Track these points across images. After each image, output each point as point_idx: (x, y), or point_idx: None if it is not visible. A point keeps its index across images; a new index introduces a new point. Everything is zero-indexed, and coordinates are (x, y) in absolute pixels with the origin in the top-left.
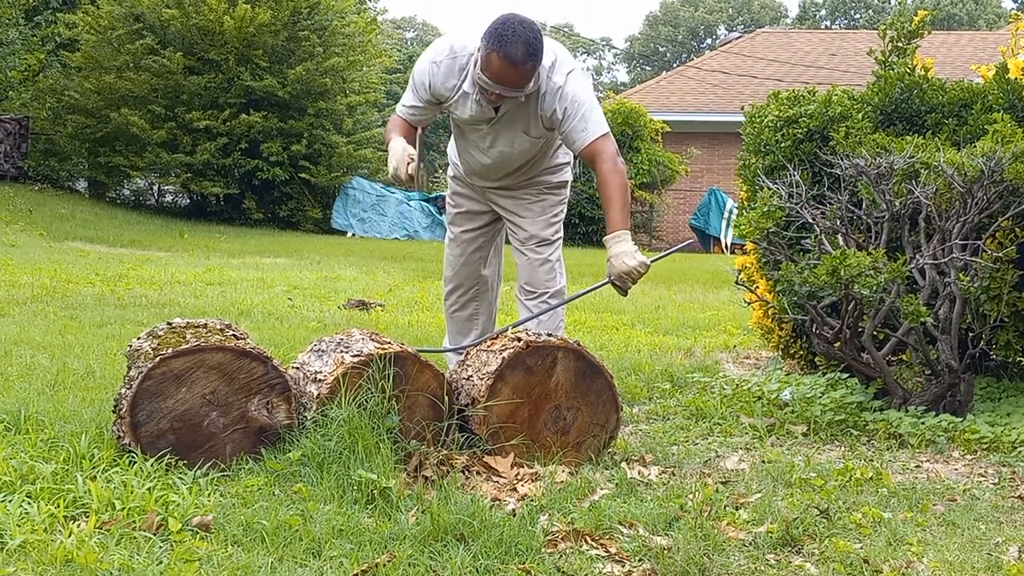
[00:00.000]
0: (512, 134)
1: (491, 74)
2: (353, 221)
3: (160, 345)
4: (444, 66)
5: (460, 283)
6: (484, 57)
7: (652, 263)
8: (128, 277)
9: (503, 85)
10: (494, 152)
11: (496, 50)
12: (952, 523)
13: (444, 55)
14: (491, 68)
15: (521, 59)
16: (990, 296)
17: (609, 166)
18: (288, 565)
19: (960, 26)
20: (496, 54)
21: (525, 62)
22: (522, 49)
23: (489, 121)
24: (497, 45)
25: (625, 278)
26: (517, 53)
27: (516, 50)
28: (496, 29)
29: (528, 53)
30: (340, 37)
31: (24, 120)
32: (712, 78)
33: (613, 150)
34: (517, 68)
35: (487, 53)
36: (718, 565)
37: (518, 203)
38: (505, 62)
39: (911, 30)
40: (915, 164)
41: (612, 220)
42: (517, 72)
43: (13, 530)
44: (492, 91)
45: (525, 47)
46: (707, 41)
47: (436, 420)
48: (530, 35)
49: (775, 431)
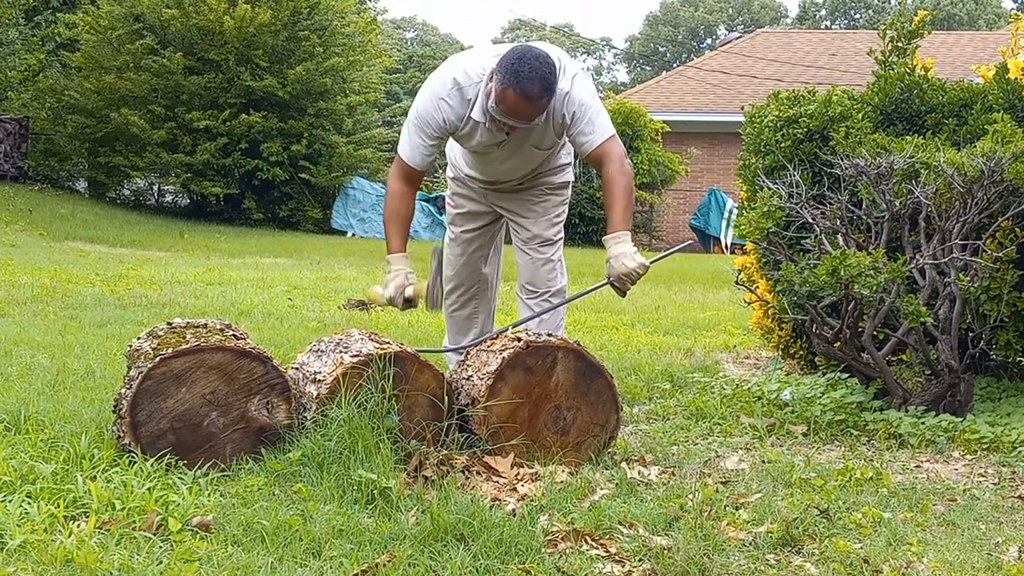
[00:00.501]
0: (523, 150)
1: (506, 108)
2: (353, 221)
3: (160, 345)
4: (454, 100)
5: (460, 282)
6: (499, 91)
7: (651, 264)
8: (128, 277)
9: (517, 118)
10: (504, 168)
11: (512, 86)
12: (952, 523)
13: (450, 88)
14: (506, 103)
15: (537, 95)
16: (990, 296)
17: (616, 168)
18: (288, 565)
19: (960, 26)
20: (512, 90)
21: (541, 97)
22: (538, 86)
23: (500, 144)
24: (513, 81)
25: (624, 279)
26: (533, 90)
27: (532, 87)
28: (512, 64)
29: (544, 89)
30: (340, 37)
31: (24, 120)
32: (712, 78)
33: (620, 152)
34: (533, 104)
35: (502, 88)
36: (718, 565)
37: (521, 203)
38: (521, 98)
39: (911, 30)
40: (915, 164)
41: (613, 221)
42: (532, 107)
43: (13, 530)
44: (505, 122)
45: (541, 83)
46: (707, 41)
47: (436, 420)
48: (546, 71)
49: (775, 431)
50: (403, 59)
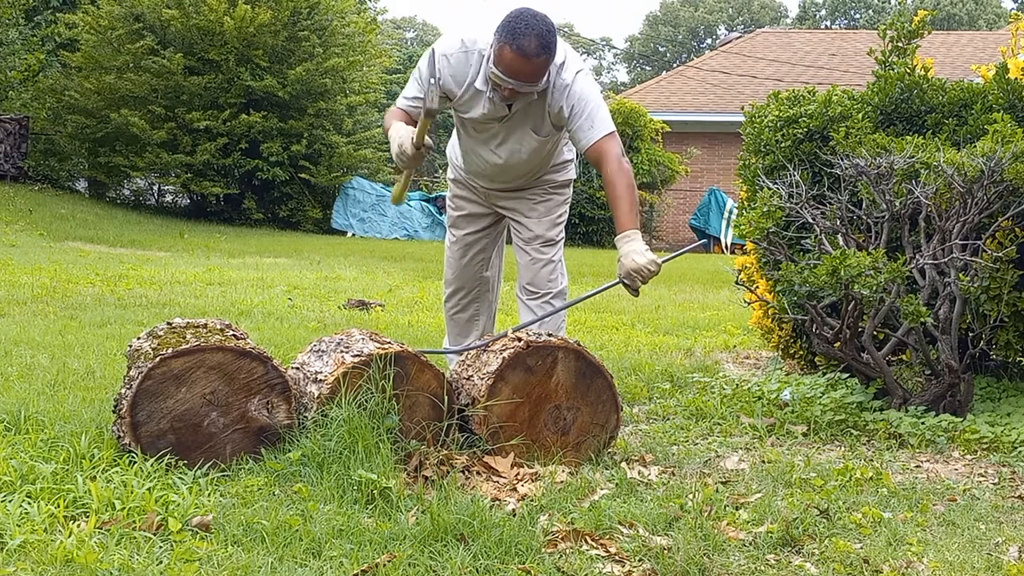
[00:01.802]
0: (522, 133)
1: (504, 68)
2: (353, 221)
3: (160, 345)
4: (455, 59)
5: (462, 285)
6: (497, 51)
7: (663, 263)
8: (128, 277)
9: (516, 79)
10: (503, 151)
11: (509, 43)
12: (952, 523)
13: (455, 48)
14: (504, 62)
15: (534, 52)
16: (990, 296)
17: (615, 167)
18: (288, 565)
19: (960, 26)
20: (509, 47)
21: (538, 55)
22: (535, 42)
23: (501, 119)
24: (510, 38)
25: (635, 276)
26: (530, 46)
27: (529, 43)
28: (509, 23)
29: (541, 46)
30: (340, 37)
31: (24, 120)
32: (712, 78)
33: (619, 151)
34: (531, 61)
35: (500, 47)
36: (718, 565)
37: (523, 203)
38: (518, 55)
39: (911, 30)
40: (915, 164)
41: (621, 221)
42: (530, 65)
43: (13, 530)
44: (505, 86)
45: (538, 40)
46: (707, 41)
47: (436, 420)
48: (543, 28)
49: (775, 431)
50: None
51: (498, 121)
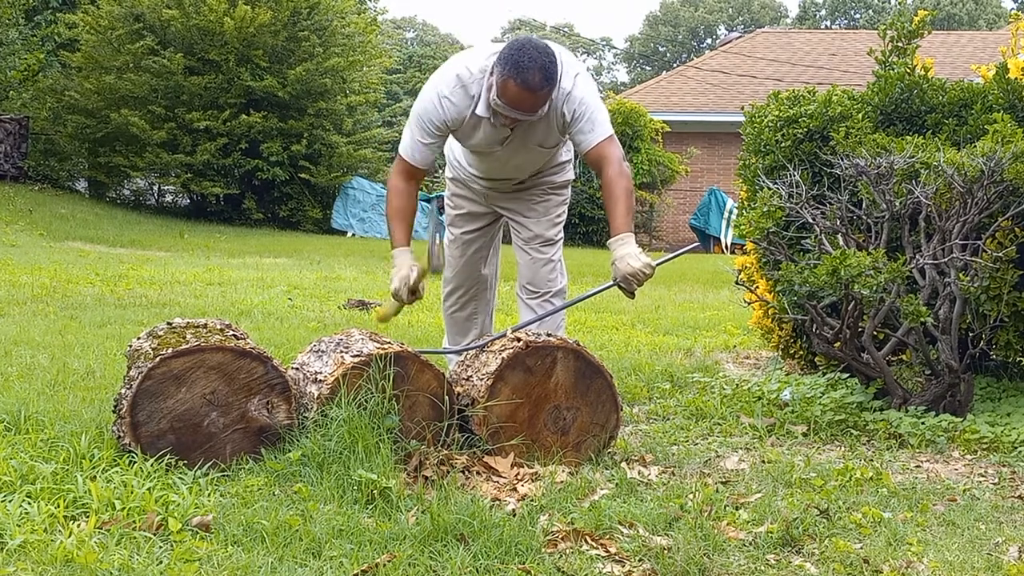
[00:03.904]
0: (526, 149)
1: (508, 100)
2: (353, 221)
3: (160, 345)
4: (457, 97)
5: (460, 284)
6: (500, 84)
7: (657, 265)
8: (128, 277)
9: (520, 110)
10: (508, 168)
11: (513, 77)
12: (952, 523)
13: (453, 85)
14: (508, 95)
15: (538, 85)
16: (990, 296)
17: (615, 170)
18: (288, 565)
19: (960, 26)
20: (513, 81)
21: (542, 88)
22: (539, 76)
23: (503, 142)
24: (514, 72)
25: (631, 280)
26: (535, 80)
27: (533, 77)
28: (512, 55)
29: (545, 79)
30: (340, 37)
31: (24, 120)
32: (712, 78)
33: (619, 154)
34: (535, 94)
35: (503, 80)
36: (718, 565)
37: (522, 203)
38: (522, 89)
39: (911, 30)
40: (915, 164)
41: (616, 224)
42: (535, 97)
43: (13, 530)
44: (508, 115)
45: (542, 73)
46: (707, 41)
47: (437, 420)
48: (546, 60)
49: (775, 431)
50: (403, 59)
51: (500, 144)
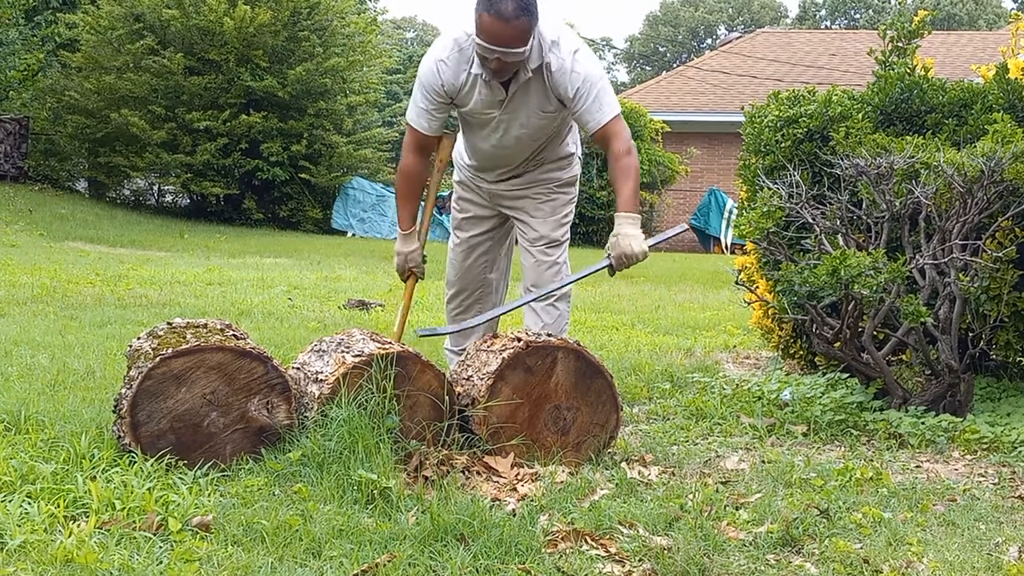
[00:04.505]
0: (526, 113)
1: (485, 35)
2: (353, 221)
3: (160, 345)
4: (452, 60)
5: (463, 287)
6: (477, 21)
7: (650, 248)
8: (128, 277)
9: (499, 45)
10: (509, 139)
11: (486, 10)
12: (952, 523)
13: (449, 49)
14: (484, 29)
15: (512, 14)
16: (990, 296)
17: (624, 147)
18: (288, 565)
19: (960, 26)
20: (487, 14)
21: (517, 16)
22: (512, 4)
23: (501, 104)
24: (487, 5)
25: (625, 260)
26: (507, 9)
27: (506, 7)
28: None
29: (519, 7)
30: (340, 37)
31: (24, 120)
32: (712, 78)
33: (627, 132)
34: (510, 23)
35: (479, 16)
36: (718, 565)
37: (528, 202)
38: (496, 19)
39: (911, 30)
40: (915, 164)
41: (624, 199)
42: (510, 28)
43: (13, 530)
44: (492, 57)
45: (515, 2)
46: (707, 41)
47: (437, 420)
48: None
49: (775, 431)
50: (403, 59)
51: (498, 107)
